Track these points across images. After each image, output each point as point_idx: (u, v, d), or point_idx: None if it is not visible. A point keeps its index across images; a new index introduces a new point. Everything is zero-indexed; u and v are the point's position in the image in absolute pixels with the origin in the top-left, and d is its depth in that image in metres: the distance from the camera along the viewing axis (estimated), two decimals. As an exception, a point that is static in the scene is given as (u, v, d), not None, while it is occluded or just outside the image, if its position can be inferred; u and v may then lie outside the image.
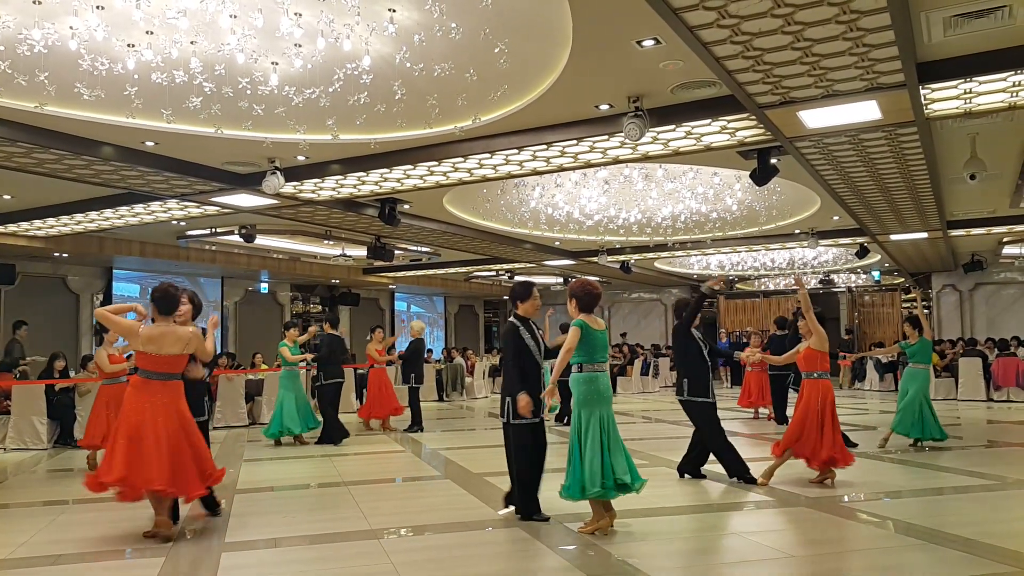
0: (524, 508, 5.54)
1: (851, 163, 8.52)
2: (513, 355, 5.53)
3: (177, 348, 5.21)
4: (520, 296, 5.66)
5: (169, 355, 5.18)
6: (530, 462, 5.51)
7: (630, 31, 5.36)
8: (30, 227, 11.88)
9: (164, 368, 5.17)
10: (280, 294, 20.22)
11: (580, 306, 5.29)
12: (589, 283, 5.38)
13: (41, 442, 9.87)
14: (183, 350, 5.24)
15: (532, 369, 5.53)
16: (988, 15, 5.14)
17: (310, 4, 4.89)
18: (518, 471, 5.54)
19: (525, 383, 5.42)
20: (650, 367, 19.86)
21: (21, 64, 5.20)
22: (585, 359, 5.21)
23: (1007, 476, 7.10)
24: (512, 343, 5.55)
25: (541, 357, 5.60)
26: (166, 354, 5.16)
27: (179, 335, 5.23)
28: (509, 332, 5.62)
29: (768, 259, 18.87)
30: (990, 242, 15.76)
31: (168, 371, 5.19)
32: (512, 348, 5.55)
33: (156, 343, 5.14)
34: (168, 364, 5.18)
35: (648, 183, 10.62)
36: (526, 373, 5.48)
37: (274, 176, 8.43)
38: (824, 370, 6.82)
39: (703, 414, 7.00)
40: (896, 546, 4.92)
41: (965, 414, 12.96)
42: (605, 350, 5.29)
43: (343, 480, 7.37)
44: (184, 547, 5.01)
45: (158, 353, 5.14)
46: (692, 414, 7.07)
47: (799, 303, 6.85)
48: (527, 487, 5.52)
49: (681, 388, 7.06)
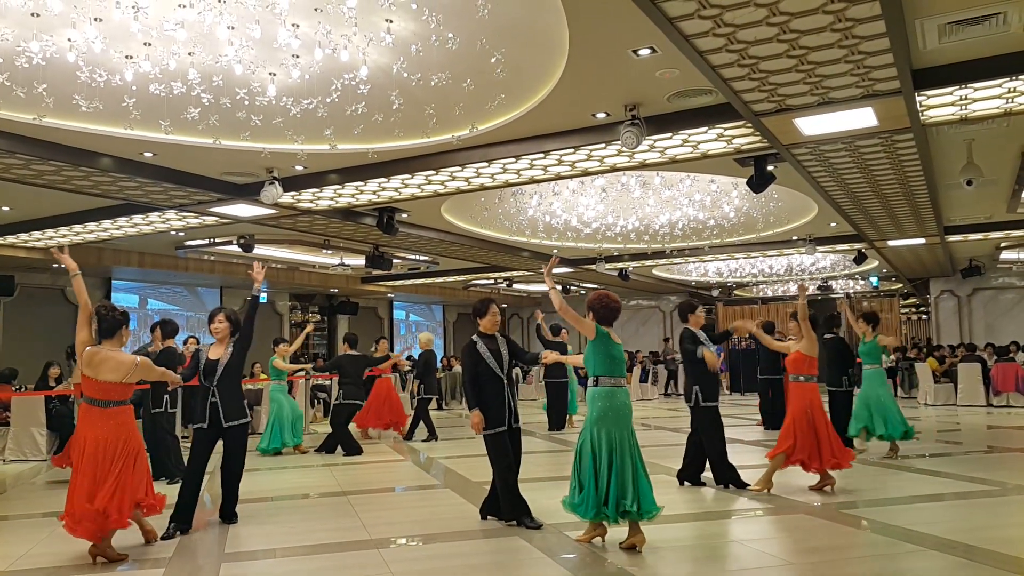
0: (512, 510, 5.58)
1: (848, 170, 8.55)
2: (469, 370, 5.67)
3: (115, 376, 4.91)
4: (479, 313, 5.79)
5: (106, 382, 4.90)
6: (509, 465, 5.61)
7: (626, 40, 5.38)
8: (29, 238, 11.88)
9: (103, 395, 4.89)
10: (279, 303, 20.21)
11: (598, 319, 5.18)
12: (608, 296, 5.23)
13: (40, 453, 9.84)
14: (122, 378, 4.93)
15: (488, 383, 5.62)
16: (983, 22, 5.17)
17: (308, 15, 4.91)
18: (502, 475, 5.60)
19: (480, 397, 5.58)
20: (649, 374, 19.86)
21: (19, 76, 5.22)
22: (604, 371, 5.06)
23: (1007, 482, 7.09)
24: (468, 358, 5.69)
25: (502, 371, 5.67)
26: (103, 380, 4.89)
27: (119, 361, 4.93)
28: (467, 348, 5.75)
29: (766, 266, 18.88)
30: (988, 247, 15.79)
31: (107, 398, 4.90)
32: (468, 363, 5.69)
33: (94, 368, 4.89)
34: (105, 391, 4.90)
35: (645, 191, 10.65)
36: (482, 387, 5.61)
37: (272, 186, 8.44)
38: (811, 374, 6.89)
39: (710, 418, 7.02)
40: (896, 552, 4.91)
41: (964, 419, 12.95)
42: (623, 364, 5.22)
43: (343, 490, 7.35)
44: (183, 558, 4.99)
45: (94, 378, 4.89)
46: (703, 419, 7.04)
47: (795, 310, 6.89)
48: (512, 488, 5.59)
49: (690, 394, 7.03)
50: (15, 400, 10.03)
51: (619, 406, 5.01)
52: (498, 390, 5.62)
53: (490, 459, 5.68)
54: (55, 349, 14.50)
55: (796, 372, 6.91)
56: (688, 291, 23.97)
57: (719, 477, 6.96)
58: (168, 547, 5.22)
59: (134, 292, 16.87)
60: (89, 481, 4.77)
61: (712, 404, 7.03)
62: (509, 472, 5.60)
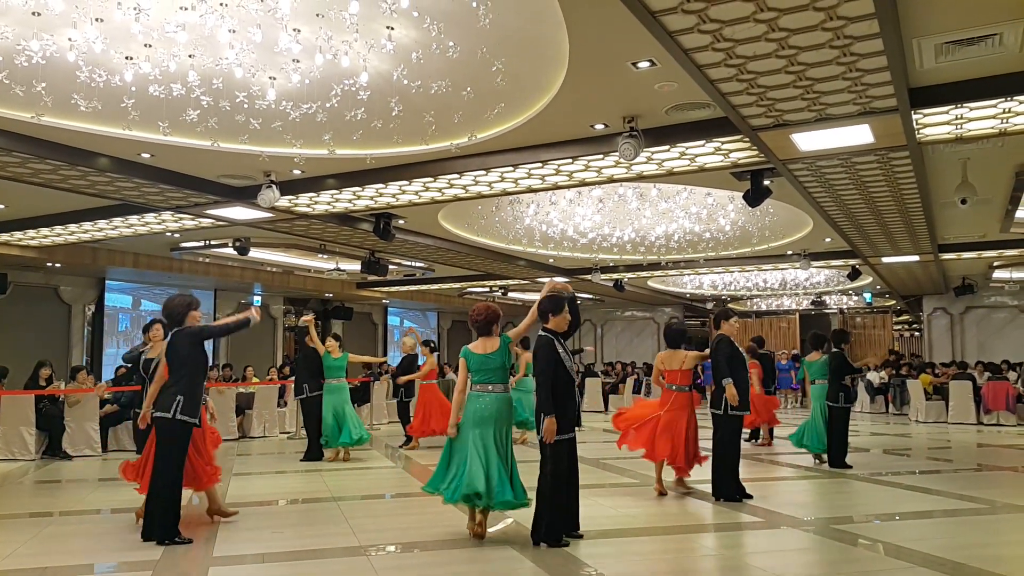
0: (551, 528, 5.26)
1: (843, 186, 8.59)
2: (547, 371, 5.29)
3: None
4: (553, 310, 5.44)
5: None
6: (567, 479, 5.35)
7: (626, 52, 5.41)
8: (23, 237, 11.84)
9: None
10: (273, 307, 20.17)
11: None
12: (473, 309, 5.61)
13: (29, 453, 9.80)
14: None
15: (563, 385, 5.31)
16: (979, 43, 5.21)
17: (309, 20, 4.93)
18: (556, 489, 5.27)
19: (556, 402, 5.23)
20: (642, 385, 19.86)
21: (18, 74, 5.21)
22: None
23: (996, 500, 7.11)
24: (545, 358, 5.32)
25: (575, 372, 5.53)
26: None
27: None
28: (543, 346, 5.34)
29: (760, 279, 18.94)
30: (981, 266, 15.86)
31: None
32: (546, 364, 5.31)
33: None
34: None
35: (642, 202, 10.68)
36: (556, 391, 5.26)
37: (270, 190, 8.44)
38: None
39: (734, 428, 7.09)
40: (886, 569, 4.92)
41: (955, 437, 12.98)
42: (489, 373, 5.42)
43: (332, 495, 7.33)
44: (171, 560, 4.97)
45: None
46: (729, 428, 7.05)
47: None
48: (559, 504, 5.31)
49: (720, 402, 7.04)
50: (4, 399, 9.98)
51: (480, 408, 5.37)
52: (572, 394, 5.37)
53: (550, 471, 5.30)
54: (47, 348, 14.49)
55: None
56: (683, 303, 24.03)
57: (724, 490, 6.96)
58: (156, 550, 5.19)
59: (128, 293, 16.82)
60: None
61: (740, 413, 7.07)
62: (563, 484, 5.30)
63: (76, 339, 15.95)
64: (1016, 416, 14.87)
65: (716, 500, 6.93)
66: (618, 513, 6.44)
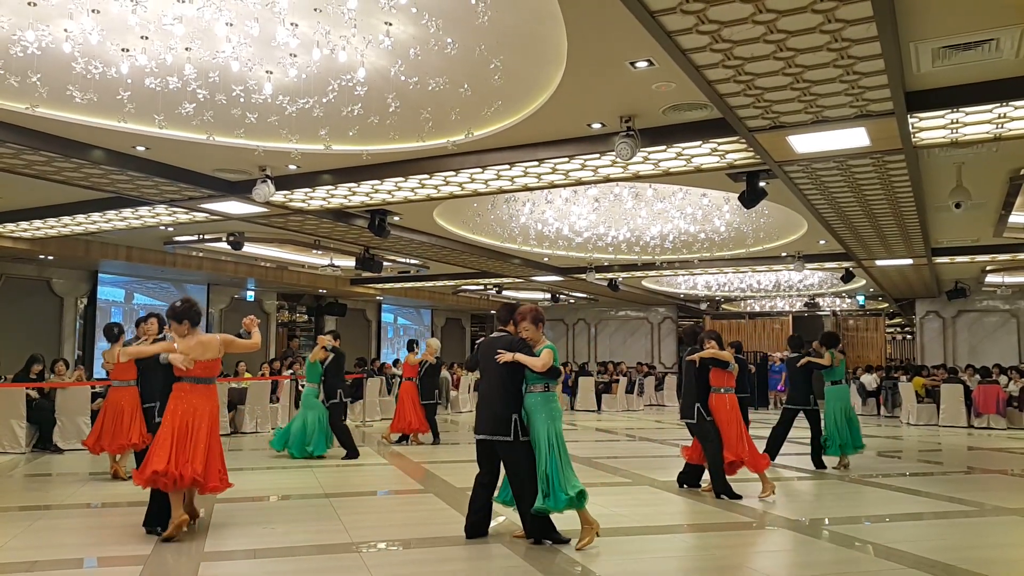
0: (543, 528, 5.34)
1: (838, 188, 8.61)
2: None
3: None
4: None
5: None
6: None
7: (624, 52, 5.40)
8: (15, 228, 11.78)
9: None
10: (266, 303, 20.11)
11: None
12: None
13: (20, 446, 9.75)
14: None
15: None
16: (976, 48, 5.23)
17: (307, 15, 4.91)
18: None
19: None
20: (635, 385, 19.90)
21: (13, 65, 5.18)
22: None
23: (985, 503, 7.15)
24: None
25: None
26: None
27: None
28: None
29: (754, 281, 18.98)
30: (973, 270, 15.93)
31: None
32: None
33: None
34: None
35: (638, 202, 10.68)
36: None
37: (265, 184, 8.41)
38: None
39: (714, 432, 7.30)
40: (876, 570, 4.94)
41: (946, 440, 13.04)
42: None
43: (325, 492, 7.31)
44: (162, 556, 4.95)
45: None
46: (708, 433, 7.30)
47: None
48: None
49: (689, 411, 7.35)
50: (-4, 391, 9.94)
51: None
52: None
53: (521, 472, 5.43)
54: (39, 341, 14.41)
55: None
56: (677, 304, 24.06)
57: (720, 487, 7.16)
58: (147, 545, 5.17)
59: (121, 286, 16.75)
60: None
61: (712, 418, 7.35)
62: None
63: (68, 332, 15.87)
64: (1006, 420, 14.96)
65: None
66: (610, 512, 6.45)
